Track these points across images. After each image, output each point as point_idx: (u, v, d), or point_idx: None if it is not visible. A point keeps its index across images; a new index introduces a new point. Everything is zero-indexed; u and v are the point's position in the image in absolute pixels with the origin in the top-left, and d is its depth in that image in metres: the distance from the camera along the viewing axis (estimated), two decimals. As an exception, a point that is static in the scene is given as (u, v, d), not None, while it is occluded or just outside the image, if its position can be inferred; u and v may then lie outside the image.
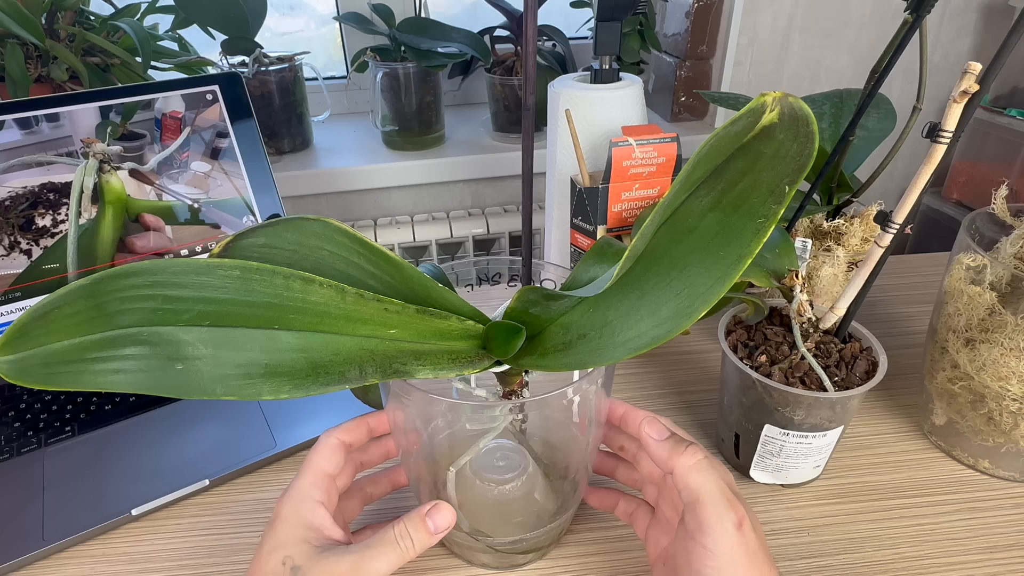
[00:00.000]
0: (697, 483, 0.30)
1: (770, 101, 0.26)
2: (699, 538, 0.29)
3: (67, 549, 0.45)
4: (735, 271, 0.26)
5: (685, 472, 0.31)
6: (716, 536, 0.29)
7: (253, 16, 0.90)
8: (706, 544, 0.29)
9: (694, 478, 0.30)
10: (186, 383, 0.28)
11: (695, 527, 0.30)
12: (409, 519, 0.32)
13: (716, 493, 0.30)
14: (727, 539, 0.29)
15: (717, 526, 0.29)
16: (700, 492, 0.30)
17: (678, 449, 0.31)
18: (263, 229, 0.31)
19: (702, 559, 0.29)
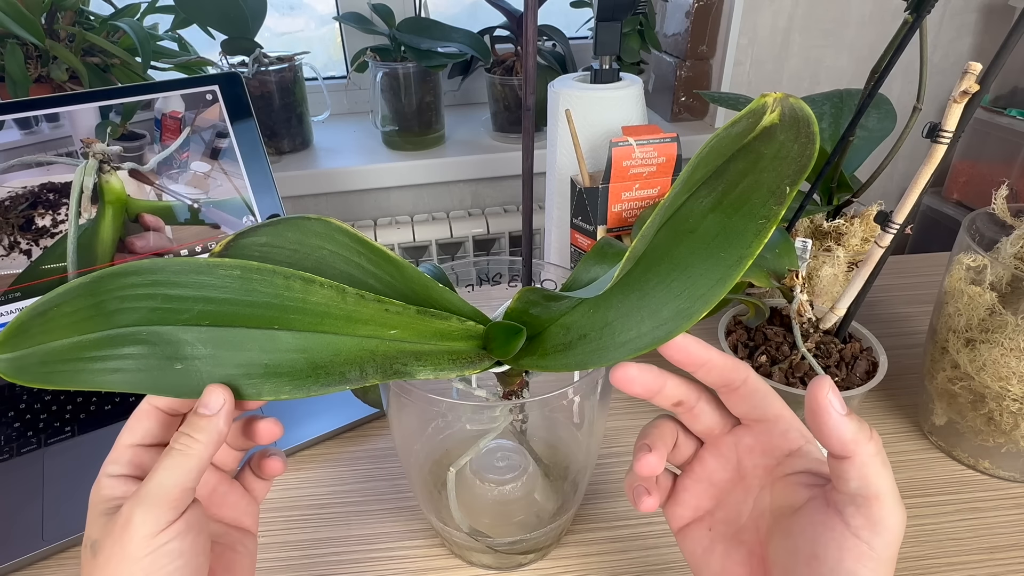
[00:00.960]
0: (880, 477, 0.27)
1: (771, 102, 0.26)
2: (866, 536, 0.26)
3: (67, 549, 0.45)
4: (736, 272, 0.26)
5: (869, 460, 0.27)
6: (886, 538, 0.26)
7: (253, 16, 0.90)
8: (873, 544, 0.26)
9: (877, 471, 0.27)
10: (185, 383, 0.28)
11: (863, 523, 0.27)
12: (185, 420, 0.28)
13: (896, 494, 0.27)
14: (894, 543, 0.27)
15: (891, 529, 0.26)
16: (881, 488, 0.26)
17: (864, 432, 0.27)
18: (264, 228, 0.31)
19: (861, 559, 0.26)
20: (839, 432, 0.27)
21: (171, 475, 0.26)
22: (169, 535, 0.26)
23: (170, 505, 0.26)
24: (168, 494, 0.26)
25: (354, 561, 0.44)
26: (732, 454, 0.32)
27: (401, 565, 0.44)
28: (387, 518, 0.47)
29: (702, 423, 0.32)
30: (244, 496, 0.34)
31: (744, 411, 0.31)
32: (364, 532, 0.46)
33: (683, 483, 0.33)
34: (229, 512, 0.33)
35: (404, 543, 0.45)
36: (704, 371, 0.31)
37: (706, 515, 0.33)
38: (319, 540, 0.45)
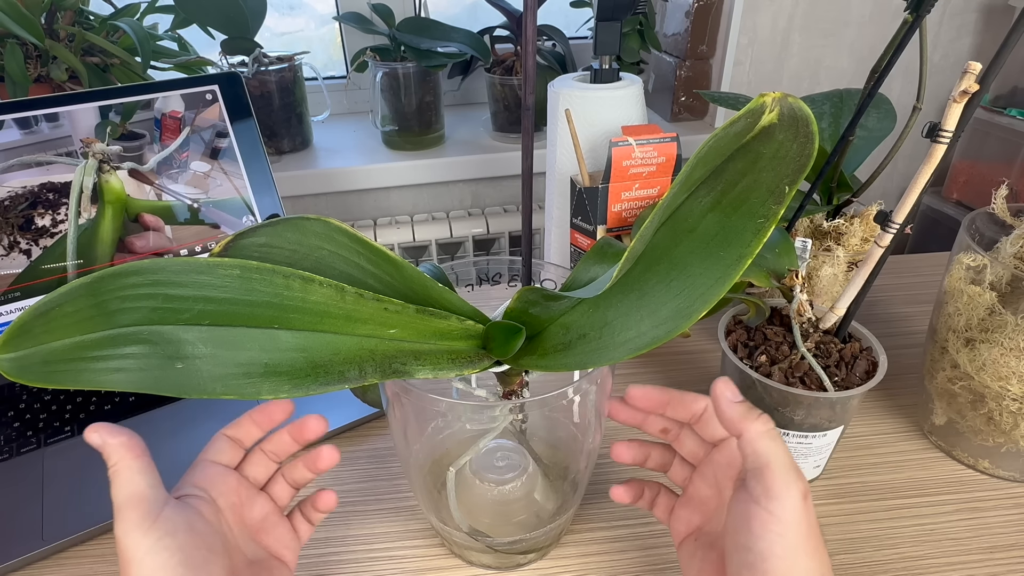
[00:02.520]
0: (768, 449, 0.30)
1: (769, 102, 0.26)
2: (765, 503, 0.30)
3: (67, 549, 0.45)
4: (735, 271, 0.26)
5: (757, 436, 0.30)
6: (784, 502, 0.29)
7: (253, 16, 0.90)
8: (771, 509, 0.29)
9: (765, 444, 0.30)
10: (186, 382, 0.28)
11: (761, 492, 0.30)
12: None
13: (787, 461, 0.30)
14: (793, 507, 0.29)
15: (785, 492, 0.29)
16: (770, 458, 0.30)
17: (751, 414, 0.31)
18: (263, 228, 0.31)
19: (766, 524, 0.29)
20: (729, 415, 0.31)
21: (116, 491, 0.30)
22: (157, 534, 0.30)
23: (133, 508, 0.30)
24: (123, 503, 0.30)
25: (353, 561, 0.44)
26: (711, 473, 0.36)
27: (401, 565, 0.44)
28: (387, 518, 0.47)
29: (688, 449, 0.38)
30: (290, 532, 0.38)
31: (710, 435, 0.36)
32: (363, 532, 0.46)
33: (680, 502, 0.38)
34: (273, 543, 0.37)
35: (404, 543, 0.45)
36: (670, 409, 0.36)
37: (696, 529, 0.37)
38: (318, 540, 0.45)
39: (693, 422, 0.37)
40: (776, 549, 0.29)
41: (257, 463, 0.38)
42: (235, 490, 0.36)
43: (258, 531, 0.36)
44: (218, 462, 0.36)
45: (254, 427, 0.38)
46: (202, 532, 0.32)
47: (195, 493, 0.34)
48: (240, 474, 0.37)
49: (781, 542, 0.29)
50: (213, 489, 0.35)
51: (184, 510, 0.32)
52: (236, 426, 0.37)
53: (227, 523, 0.34)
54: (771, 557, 0.29)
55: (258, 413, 0.38)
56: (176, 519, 0.31)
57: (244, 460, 0.38)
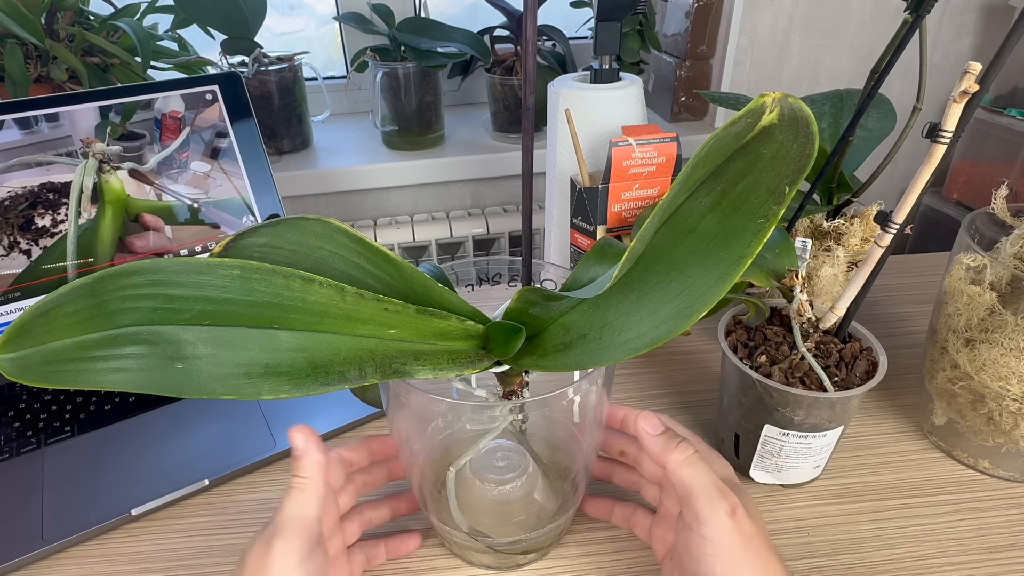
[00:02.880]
0: (689, 476, 0.31)
1: (770, 102, 0.26)
2: (696, 528, 0.31)
3: (67, 549, 0.45)
4: (735, 272, 0.26)
5: (677, 467, 0.32)
6: (711, 525, 0.30)
7: (253, 16, 0.90)
8: (703, 533, 0.30)
9: (685, 472, 0.32)
10: (186, 382, 0.28)
11: (691, 518, 0.31)
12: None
13: (707, 484, 0.31)
14: (721, 527, 0.30)
15: (711, 515, 0.30)
16: (692, 485, 0.31)
17: (670, 445, 0.32)
18: (264, 228, 0.31)
19: (701, 548, 0.30)
20: (652, 449, 0.33)
21: (294, 506, 0.31)
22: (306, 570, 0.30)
23: (300, 534, 0.30)
24: (296, 523, 0.30)
25: (354, 561, 0.44)
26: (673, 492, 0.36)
27: (401, 565, 0.44)
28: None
29: (646, 470, 0.39)
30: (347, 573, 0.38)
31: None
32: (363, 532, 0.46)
33: (655, 521, 0.39)
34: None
35: (404, 543, 0.45)
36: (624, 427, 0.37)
37: (671, 548, 0.37)
38: (319, 540, 0.45)
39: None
40: (716, 570, 0.30)
41: (348, 493, 0.38)
42: (332, 522, 0.36)
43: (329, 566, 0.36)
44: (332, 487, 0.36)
45: (367, 455, 0.38)
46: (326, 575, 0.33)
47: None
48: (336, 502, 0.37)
49: (719, 563, 0.30)
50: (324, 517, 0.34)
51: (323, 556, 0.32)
52: (352, 450, 0.38)
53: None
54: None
55: (377, 444, 0.38)
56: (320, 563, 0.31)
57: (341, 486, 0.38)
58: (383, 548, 0.40)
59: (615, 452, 0.40)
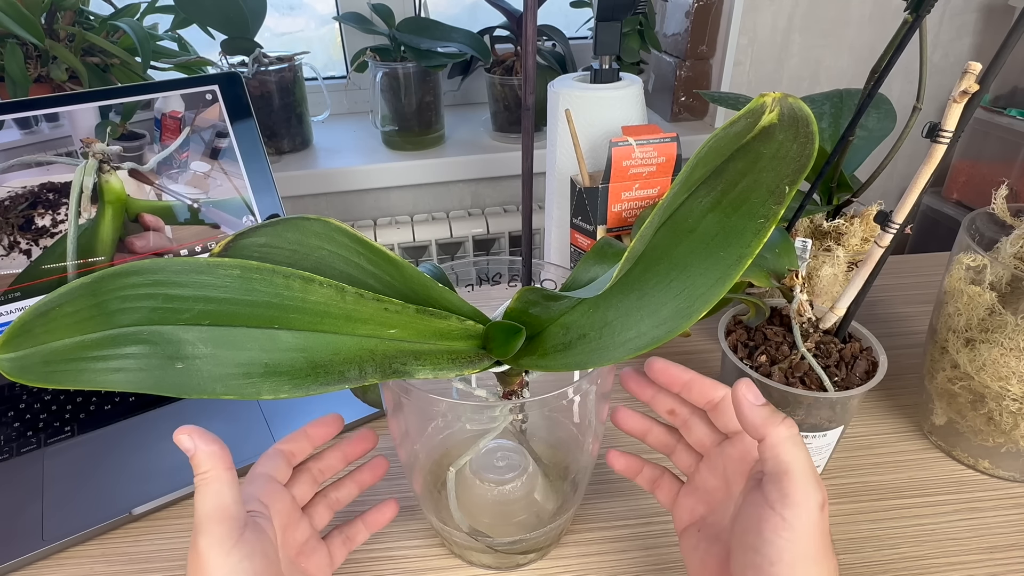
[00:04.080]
0: (790, 456, 0.30)
1: (770, 102, 0.26)
2: (780, 509, 0.29)
3: (67, 549, 0.45)
4: (735, 272, 0.26)
5: (780, 442, 0.30)
6: (799, 510, 0.29)
7: (253, 16, 0.90)
8: (786, 516, 0.29)
9: (788, 450, 0.30)
10: (186, 382, 0.28)
11: (778, 498, 0.29)
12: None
13: (807, 469, 0.30)
14: (808, 516, 0.29)
15: (803, 501, 0.29)
16: (791, 465, 0.29)
17: (775, 418, 0.30)
18: (263, 228, 0.31)
19: (778, 529, 0.29)
20: (751, 418, 0.31)
21: (204, 501, 0.30)
22: (238, 556, 0.30)
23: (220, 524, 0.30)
24: (211, 516, 0.30)
25: (353, 561, 0.44)
26: (720, 464, 0.35)
27: (401, 565, 0.44)
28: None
29: (696, 436, 0.37)
30: (326, 557, 0.38)
31: (723, 425, 0.35)
32: (364, 532, 0.46)
33: (685, 490, 0.38)
34: (312, 567, 0.37)
35: (404, 543, 0.45)
36: (687, 391, 0.36)
37: (699, 519, 0.36)
38: (319, 540, 0.45)
39: (709, 409, 0.36)
40: (785, 556, 0.29)
41: (304, 482, 0.38)
42: (287, 510, 0.35)
43: (299, 554, 0.36)
44: (276, 478, 0.36)
45: (307, 442, 0.38)
46: (271, 558, 0.32)
47: (259, 510, 0.34)
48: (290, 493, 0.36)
49: (791, 549, 0.29)
50: (272, 507, 0.34)
51: (260, 535, 0.32)
52: (291, 441, 0.37)
53: (278, 544, 0.34)
54: (779, 563, 0.29)
55: (314, 428, 0.38)
56: (255, 543, 0.31)
57: (291, 478, 0.37)
58: (361, 524, 0.40)
59: (663, 409, 0.38)
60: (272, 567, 0.32)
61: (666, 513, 0.47)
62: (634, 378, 0.38)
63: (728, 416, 0.35)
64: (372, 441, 0.40)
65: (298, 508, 0.37)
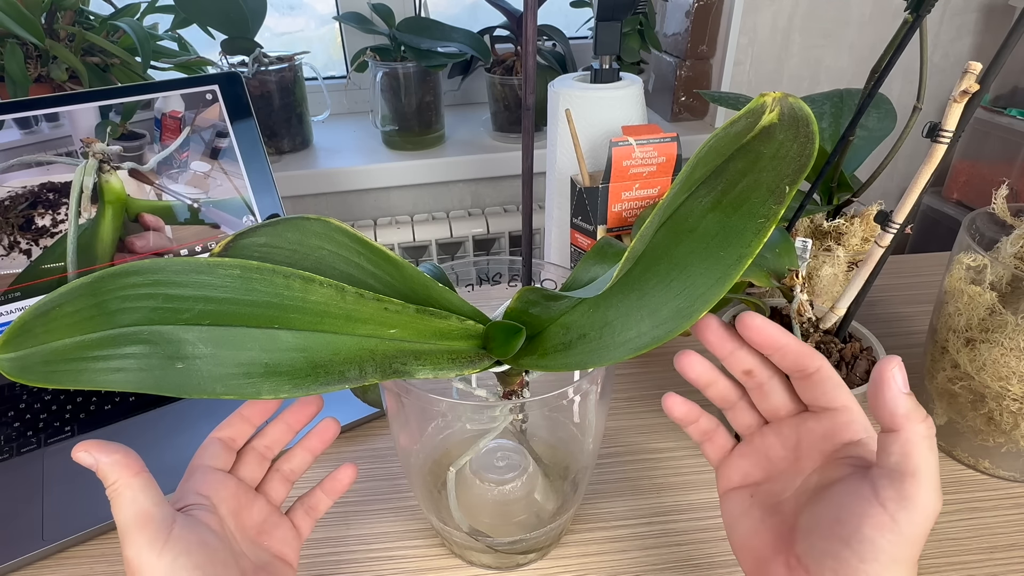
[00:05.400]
0: (923, 457, 0.27)
1: (770, 101, 0.26)
2: (892, 509, 0.27)
3: (67, 549, 0.45)
4: (735, 271, 0.26)
5: (917, 439, 0.28)
6: (914, 516, 0.27)
7: (253, 16, 0.90)
8: (898, 518, 0.27)
9: (922, 451, 0.28)
10: (186, 382, 0.28)
11: (893, 497, 0.27)
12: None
13: (935, 476, 0.28)
14: (922, 524, 0.27)
15: (921, 509, 0.27)
16: (921, 467, 0.27)
17: (919, 413, 0.28)
18: (263, 228, 0.31)
19: (882, 529, 0.27)
20: (893, 404, 0.28)
21: (120, 512, 0.30)
22: (172, 554, 0.29)
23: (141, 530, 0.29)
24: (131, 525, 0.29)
25: (353, 561, 0.44)
26: (793, 436, 0.33)
27: (401, 565, 0.44)
28: (386, 518, 0.47)
29: (770, 402, 0.34)
30: (291, 531, 0.37)
31: (812, 398, 0.32)
32: (363, 532, 0.46)
33: (741, 450, 0.35)
34: (276, 543, 0.36)
35: (403, 543, 0.45)
36: (780, 355, 0.32)
37: (753, 484, 0.34)
38: (318, 540, 0.45)
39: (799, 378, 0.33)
40: (881, 557, 0.27)
41: (251, 463, 0.37)
42: (234, 495, 0.35)
43: (259, 533, 0.36)
44: (215, 467, 0.35)
45: (245, 424, 0.37)
46: (214, 547, 0.31)
47: (198, 502, 0.33)
48: (236, 477, 0.36)
49: (890, 552, 0.27)
50: (215, 496, 0.34)
51: (195, 526, 0.31)
52: (227, 426, 0.37)
53: (230, 531, 0.34)
54: (872, 563, 0.27)
55: (248, 408, 0.37)
56: (188, 537, 0.30)
57: (237, 461, 0.37)
58: (320, 492, 0.39)
59: (741, 368, 0.34)
60: (216, 555, 0.31)
61: (666, 513, 0.47)
62: (716, 330, 0.33)
63: (819, 390, 0.32)
64: (316, 405, 0.38)
65: (249, 490, 0.36)
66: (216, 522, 0.33)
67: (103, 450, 0.30)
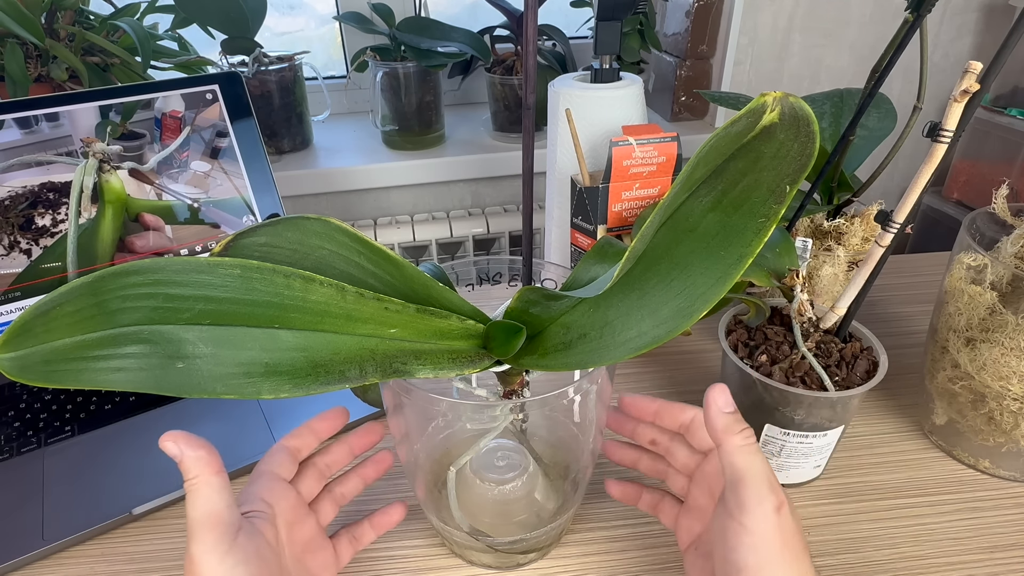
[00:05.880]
0: (745, 463, 0.30)
1: (770, 101, 0.26)
2: (737, 516, 0.30)
3: (67, 549, 0.45)
4: (736, 271, 0.26)
5: (735, 450, 0.31)
6: (755, 515, 0.30)
7: (253, 16, 0.90)
8: (744, 522, 0.30)
9: (742, 458, 0.31)
10: (187, 382, 0.28)
11: (735, 505, 0.30)
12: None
13: (760, 476, 0.30)
14: (765, 520, 0.30)
15: (757, 507, 0.30)
16: (745, 472, 0.30)
17: (735, 427, 0.31)
18: (264, 228, 0.31)
19: (738, 536, 0.30)
20: (713, 422, 0.32)
21: (195, 507, 0.30)
22: (233, 560, 0.30)
23: (212, 531, 0.30)
24: (203, 522, 0.30)
25: (353, 561, 0.44)
26: (704, 482, 0.36)
27: (401, 565, 0.44)
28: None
29: (679, 461, 0.38)
30: (332, 556, 0.38)
31: (699, 443, 0.36)
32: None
33: (682, 510, 0.38)
34: (317, 565, 0.37)
35: (404, 543, 0.45)
36: (659, 419, 0.37)
37: (696, 537, 0.37)
38: (319, 539, 0.45)
39: (683, 431, 0.37)
40: (749, 561, 0.30)
41: (310, 478, 0.38)
42: (293, 507, 0.35)
43: (304, 551, 0.36)
44: (280, 475, 0.36)
45: (312, 437, 0.38)
46: (269, 560, 0.32)
47: (261, 509, 0.33)
48: (296, 489, 0.36)
49: (754, 554, 0.29)
50: (276, 505, 0.34)
51: (256, 536, 0.32)
52: (296, 436, 0.37)
53: (283, 543, 0.34)
54: (745, 569, 0.30)
55: (318, 422, 0.38)
56: (249, 547, 0.31)
57: (297, 474, 0.37)
58: (368, 525, 0.40)
59: (645, 440, 0.39)
60: (268, 568, 0.32)
61: (666, 513, 0.47)
62: (613, 416, 0.39)
63: (701, 435, 0.36)
64: (379, 434, 0.40)
65: (304, 504, 0.37)
66: (273, 534, 0.33)
67: (190, 444, 0.30)
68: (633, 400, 0.38)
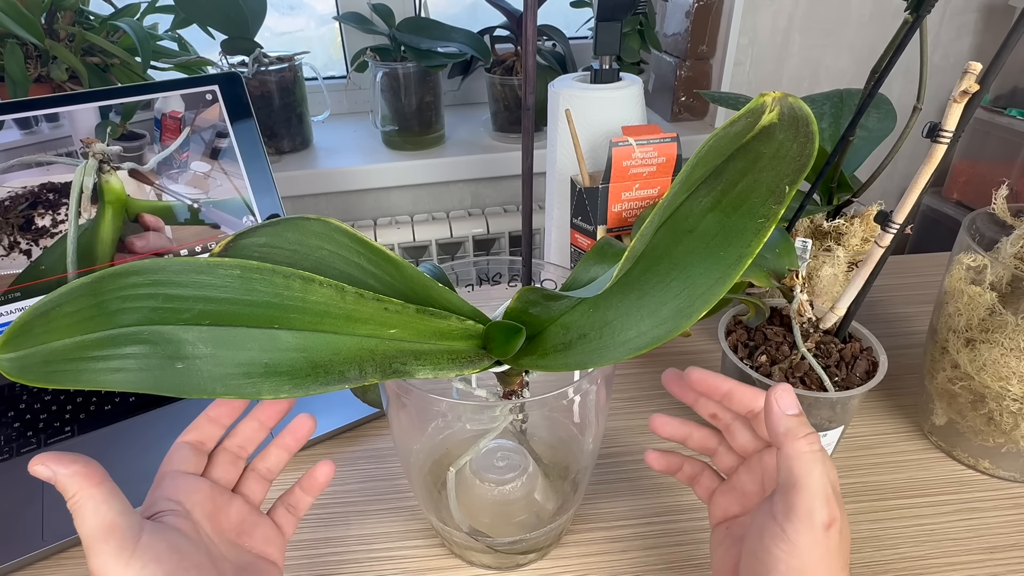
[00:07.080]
0: (803, 471, 0.29)
1: (770, 101, 0.26)
2: (781, 521, 0.29)
3: (67, 549, 0.45)
4: (735, 271, 0.26)
5: (797, 455, 0.30)
6: (799, 527, 0.29)
7: (253, 16, 0.90)
8: (786, 529, 0.29)
9: (803, 465, 0.29)
10: (186, 382, 0.28)
11: (782, 510, 0.29)
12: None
13: (816, 488, 0.29)
14: (808, 533, 0.29)
15: (804, 518, 0.29)
16: (801, 480, 0.29)
17: (800, 430, 0.30)
18: (263, 228, 0.31)
19: (776, 540, 0.29)
20: (775, 425, 0.31)
21: (82, 525, 0.28)
22: (140, 562, 0.28)
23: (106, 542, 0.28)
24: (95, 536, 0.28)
25: (354, 561, 0.44)
26: (759, 470, 0.35)
27: (401, 565, 0.44)
28: (387, 518, 0.47)
29: (738, 441, 0.37)
30: (272, 529, 0.37)
31: (766, 433, 0.34)
32: (364, 532, 0.46)
33: (722, 488, 0.38)
34: (257, 543, 0.36)
35: (404, 543, 0.45)
36: (728, 400, 0.36)
37: (731, 518, 0.36)
38: (319, 540, 0.45)
39: (750, 417, 0.36)
40: (780, 567, 0.29)
41: (223, 464, 0.36)
42: (209, 497, 0.34)
43: (239, 534, 0.35)
44: (185, 471, 0.34)
45: (213, 426, 0.36)
46: (187, 551, 0.31)
47: (169, 508, 0.32)
48: (210, 479, 0.35)
49: (787, 562, 0.29)
50: (187, 501, 0.33)
51: (164, 532, 0.30)
52: (194, 429, 0.36)
53: (207, 534, 0.33)
54: (773, 572, 0.29)
55: (214, 409, 0.36)
56: (157, 544, 0.29)
57: (209, 463, 0.36)
58: (299, 491, 0.39)
59: (706, 413, 0.38)
60: (190, 559, 0.30)
61: (666, 513, 0.47)
62: (676, 382, 0.37)
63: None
64: (287, 400, 0.37)
65: (224, 491, 0.35)
66: (189, 526, 0.32)
67: (61, 462, 0.28)
68: (703, 377, 0.36)
